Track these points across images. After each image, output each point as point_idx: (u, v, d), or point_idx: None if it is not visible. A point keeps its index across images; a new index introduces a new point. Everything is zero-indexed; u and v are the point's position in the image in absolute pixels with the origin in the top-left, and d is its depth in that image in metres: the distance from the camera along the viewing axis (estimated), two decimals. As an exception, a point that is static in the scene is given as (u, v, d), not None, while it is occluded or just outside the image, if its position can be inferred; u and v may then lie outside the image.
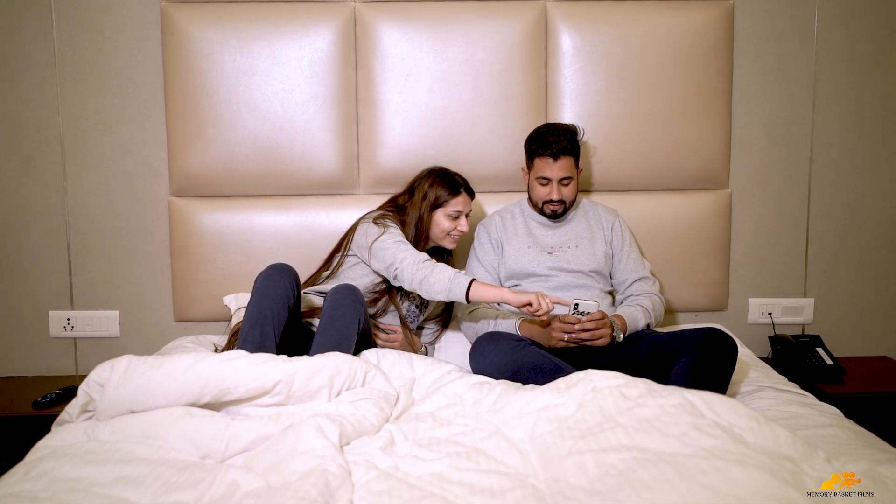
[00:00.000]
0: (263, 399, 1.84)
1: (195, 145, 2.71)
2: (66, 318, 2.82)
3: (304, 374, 1.85)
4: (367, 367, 1.99)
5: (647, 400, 1.63)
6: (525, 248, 2.51)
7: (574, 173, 2.46)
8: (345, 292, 2.21)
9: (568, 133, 2.43)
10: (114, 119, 2.76)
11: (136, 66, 2.74)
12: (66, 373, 2.84)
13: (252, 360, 1.84)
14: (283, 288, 2.17)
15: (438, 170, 2.52)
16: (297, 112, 2.72)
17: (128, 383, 1.79)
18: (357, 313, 2.20)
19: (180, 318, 2.81)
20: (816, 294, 2.94)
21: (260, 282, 2.19)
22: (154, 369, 1.80)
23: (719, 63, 2.77)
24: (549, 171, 2.42)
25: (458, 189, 2.46)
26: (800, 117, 2.86)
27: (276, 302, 2.14)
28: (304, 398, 1.86)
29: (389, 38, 2.72)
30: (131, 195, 2.79)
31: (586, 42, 2.74)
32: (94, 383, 1.85)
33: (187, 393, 1.79)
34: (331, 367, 1.89)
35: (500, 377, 2.12)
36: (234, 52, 2.69)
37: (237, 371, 1.81)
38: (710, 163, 2.81)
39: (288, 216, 2.75)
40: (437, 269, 2.24)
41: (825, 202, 2.91)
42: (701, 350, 2.01)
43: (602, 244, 2.52)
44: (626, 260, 2.54)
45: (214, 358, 1.84)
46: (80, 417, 1.88)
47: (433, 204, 2.45)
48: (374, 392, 1.93)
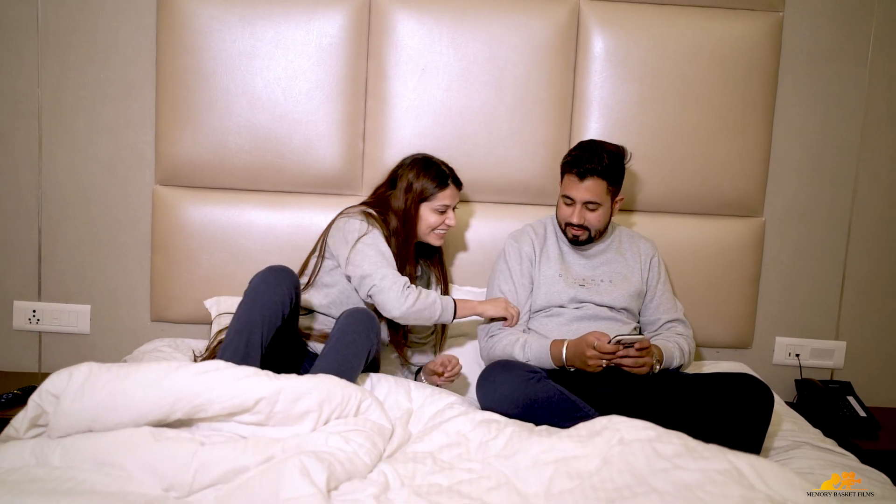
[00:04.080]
0: (242, 417, 1.66)
1: (185, 131, 2.51)
2: (31, 309, 2.62)
3: (289, 394, 1.67)
4: (362, 395, 1.80)
5: (686, 461, 1.40)
6: (556, 276, 2.29)
7: (603, 199, 2.20)
8: (361, 318, 2.03)
9: (605, 153, 2.19)
10: (98, 96, 2.56)
11: (126, 39, 2.54)
12: (28, 369, 2.66)
13: (232, 374, 1.67)
14: (281, 294, 1.96)
15: (423, 158, 2.31)
16: (300, 101, 2.51)
17: (87, 396, 1.60)
18: (369, 343, 2.01)
19: (157, 317, 2.62)
20: (849, 338, 2.76)
21: (255, 283, 1.98)
22: (118, 380, 1.61)
23: (763, 79, 2.58)
24: (573, 191, 2.20)
25: (446, 181, 2.26)
26: (846, 144, 2.68)
27: (268, 308, 1.94)
28: (288, 421, 1.68)
29: (406, 28, 2.51)
30: (112, 180, 2.59)
31: (620, 47, 2.54)
32: (47, 394, 1.64)
33: (156, 409, 1.61)
34: (320, 391, 1.71)
35: (511, 411, 1.94)
36: (236, 31, 2.48)
37: (215, 386, 1.64)
38: (744, 187, 2.63)
39: (282, 215, 2.55)
40: (422, 293, 2.13)
41: (866, 239, 2.72)
42: (736, 403, 1.82)
43: (638, 281, 2.31)
44: (658, 298, 2.33)
45: (189, 369, 1.66)
46: (28, 433, 1.66)
47: (419, 197, 2.23)
48: (368, 424, 1.74)
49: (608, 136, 2.54)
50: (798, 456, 1.90)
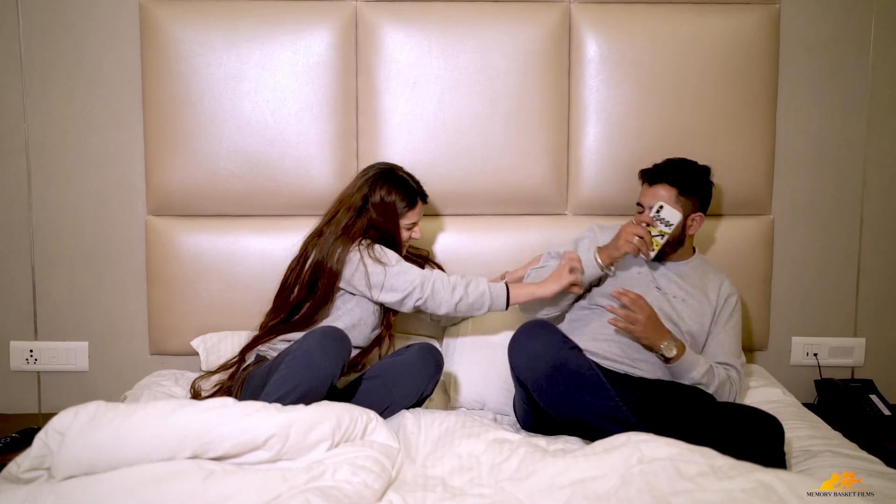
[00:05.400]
0: (252, 455, 1.60)
1: (175, 159, 2.46)
2: (28, 349, 2.57)
3: (301, 426, 1.62)
4: (367, 418, 1.75)
5: (709, 482, 1.32)
6: (636, 273, 2.23)
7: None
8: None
9: (680, 165, 2.21)
10: (85, 128, 2.51)
11: (110, 70, 2.50)
12: (28, 411, 2.61)
13: (241, 410, 1.62)
14: (333, 366, 1.86)
15: (388, 171, 2.23)
16: (290, 123, 2.45)
17: (93, 433, 1.55)
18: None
19: (157, 350, 2.56)
20: (868, 334, 2.68)
21: (310, 347, 1.86)
22: (124, 417, 1.57)
23: (763, 74, 2.52)
24: (644, 198, 2.21)
25: (415, 200, 2.22)
26: (852, 135, 2.61)
27: (318, 381, 1.84)
28: (300, 452, 1.64)
29: (394, 42, 2.45)
30: (104, 213, 2.55)
31: (614, 49, 2.48)
32: (53, 432, 1.59)
33: (162, 447, 1.55)
34: (331, 420, 1.67)
35: (541, 369, 1.90)
36: (221, 55, 2.43)
37: (224, 422, 1.58)
38: (750, 185, 2.56)
39: (278, 240, 2.48)
40: (471, 283, 2.11)
41: (879, 230, 2.65)
42: (745, 438, 1.75)
43: (709, 313, 2.20)
44: (721, 338, 2.20)
45: (197, 406, 1.62)
46: (28, 473, 1.60)
47: (395, 213, 2.20)
48: (375, 446, 1.69)
49: (606, 140, 2.49)
50: (818, 465, 1.81)
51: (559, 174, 2.52)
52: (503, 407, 2.26)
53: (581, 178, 2.53)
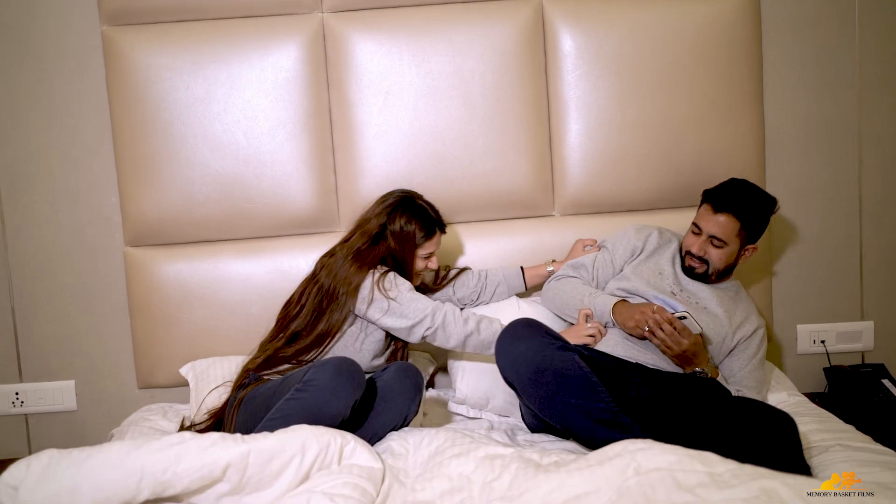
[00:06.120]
0: (213, 489, 1.56)
1: (149, 187, 2.41)
2: (14, 392, 2.52)
3: (258, 456, 1.57)
4: (342, 440, 1.68)
5: (709, 492, 1.24)
6: (657, 273, 2.19)
7: (731, 240, 2.10)
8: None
9: (750, 194, 2.14)
10: (57, 162, 2.47)
11: (78, 101, 2.45)
12: (18, 455, 2.46)
13: (198, 444, 1.58)
14: (345, 404, 1.81)
15: (408, 199, 2.18)
16: (264, 142, 2.40)
17: (48, 484, 1.50)
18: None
19: (144, 384, 2.50)
20: (876, 316, 2.61)
21: (321, 383, 1.81)
22: (79, 465, 1.52)
23: (746, 58, 2.44)
24: (703, 221, 2.13)
25: (434, 230, 2.16)
26: (844, 113, 2.53)
27: (328, 420, 1.77)
28: (263, 484, 1.59)
29: (364, 52, 2.39)
30: (82, 247, 2.50)
31: (591, 42, 2.41)
32: (5, 486, 1.52)
33: (121, 490, 1.51)
34: (293, 446, 1.61)
35: (522, 371, 1.86)
36: (188, 77, 2.37)
37: (181, 459, 1.54)
38: (742, 172, 2.43)
39: (259, 262, 2.43)
40: (483, 321, 2.07)
41: (879, 209, 2.58)
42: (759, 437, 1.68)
43: (730, 334, 2.13)
44: (745, 373, 2.11)
45: (152, 444, 1.57)
46: None
47: (412, 244, 2.13)
48: (355, 471, 1.62)
49: (589, 136, 2.43)
50: (830, 460, 1.74)
51: (543, 175, 2.45)
52: (509, 407, 2.22)
53: (566, 177, 2.46)
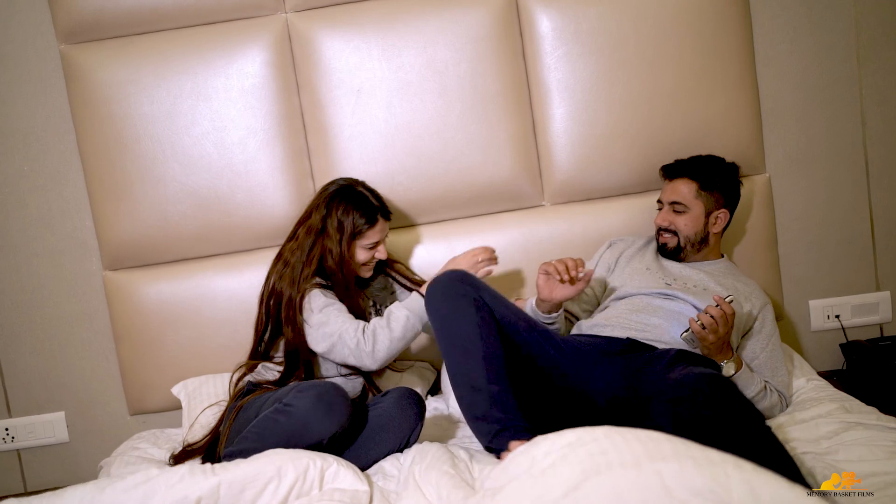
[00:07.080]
0: None
1: (122, 208, 2.34)
2: (3, 427, 2.47)
3: (230, 487, 1.53)
4: (323, 463, 1.61)
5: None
6: (644, 269, 2.14)
7: (692, 203, 2.10)
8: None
9: (702, 159, 2.18)
10: (26, 189, 2.41)
11: (43, 125, 2.39)
12: (13, 492, 2.49)
13: (167, 481, 1.54)
14: (319, 437, 1.74)
15: (347, 187, 2.09)
16: (235, 152, 2.33)
17: None
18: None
19: (135, 410, 2.45)
20: (893, 286, 2.50)
21: (299, 411, 1.76)
22: None
23: (734, 24, 2.33)
24: (663, 194, 2.18)
25: (375, 217, 2.06)
26: (843, 73, 2.42)
27: (304, 447, 1.71)
28: None
29: (332, 51, 2.31)
30: (59, 275, 2.44)
31: (569, 21, 2.31)
32: None
33: None
34: (267, 473, 1.56)
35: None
36: (152, 91, 2.30)
37: (148, 499, 1.51)
38: (738, 144, 2.37)
39: (242, 276, 2.36)
40: (377, 327, 1.96)
41: (888, 171, 2.46)
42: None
43: (745, 305, 2.03)
44: (763, 358, 1.99)
45: (118, 485, 1.52)
46: None
47: (351, 235, 2.04)
48: (337, 496, 1.57)
49: (574, 119, 2.32)
50: (848, 441, 1.65)
51: (530, 163, 2.35)
52: None
53: (553, 165, 2.36)
